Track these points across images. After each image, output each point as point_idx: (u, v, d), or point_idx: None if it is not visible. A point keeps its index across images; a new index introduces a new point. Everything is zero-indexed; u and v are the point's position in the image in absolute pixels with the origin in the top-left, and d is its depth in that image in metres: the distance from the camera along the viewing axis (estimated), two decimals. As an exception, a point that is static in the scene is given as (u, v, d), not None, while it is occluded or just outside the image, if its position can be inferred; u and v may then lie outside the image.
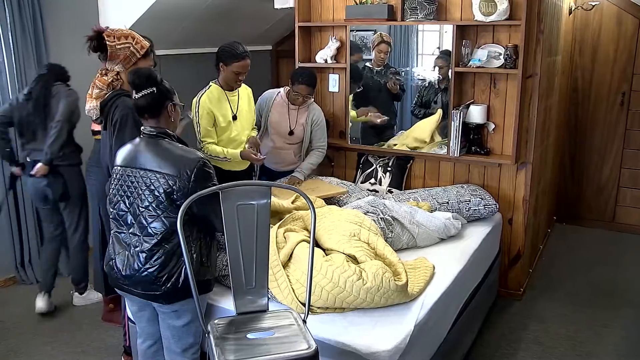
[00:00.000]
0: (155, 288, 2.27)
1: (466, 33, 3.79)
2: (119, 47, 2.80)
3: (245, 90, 3.74)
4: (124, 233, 2.34)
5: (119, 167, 2.38)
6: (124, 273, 2.32)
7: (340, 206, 3.70)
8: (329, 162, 4.45)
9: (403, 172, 4.16)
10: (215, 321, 2.20)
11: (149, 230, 2.27)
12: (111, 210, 2.39)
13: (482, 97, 3.87)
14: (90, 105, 2.91)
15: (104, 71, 2.87)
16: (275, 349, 2.01)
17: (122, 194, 2.34)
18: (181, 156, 2.30)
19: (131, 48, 2.83)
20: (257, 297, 2.26)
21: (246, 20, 5.35)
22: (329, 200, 3.74)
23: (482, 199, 3.72)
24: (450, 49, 3.73)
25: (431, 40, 3.93)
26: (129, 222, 2.32)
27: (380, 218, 3.20)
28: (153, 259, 2.26)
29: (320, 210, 3.16)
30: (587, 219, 5.55)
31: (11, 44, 3.99)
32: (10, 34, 3.97)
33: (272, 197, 2.35)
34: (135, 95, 2.35)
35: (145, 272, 2.26)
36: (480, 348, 3.47)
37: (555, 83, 4.54)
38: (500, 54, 3.69)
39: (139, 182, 2.29)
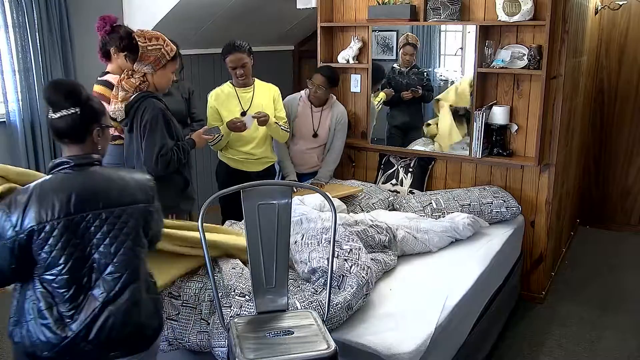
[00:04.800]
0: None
1: (489, 33, 3.75)
2: (150, 48, 2.77)
3: (268, 89, 3.76)
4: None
5: (51, 222, 1.78)
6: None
7: (362, 208, 3.71)
8: (350, 162, 4.45)
9: (424, 173, 4.14)
10: (236, 320, 2.21)
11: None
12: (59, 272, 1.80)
13: (505, 98, 3.83)
14: (116, 107, 2.87)
15: (130, 72, 2.86)
16: (294, 349, 2.01)
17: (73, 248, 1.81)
18: (134, 179, 1.98)
19: (162, 50, 2.82)
20: (277, 297, 2.26)
21: (268, 20, 5.37)
22: (348, 199, 3.75)
23: (504, 201, 3.69)
24: (473, 50, 3.70)
25: (454, 41, 3.90)
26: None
27: (386, 229, 3.12)
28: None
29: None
30: (612, 222, 5.46)
31: (38, 44, 4.07)
32: (37, 34, 4.04)
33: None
34: (52, 115, 1.86)
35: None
36: (502, 351, 3.44)
37: (580, 84, 4.48)
38: (524, 55, 3.65)
39: (95, 226, 1.84)
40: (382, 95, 4.20)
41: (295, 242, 2.82)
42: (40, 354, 1.83)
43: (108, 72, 3.43)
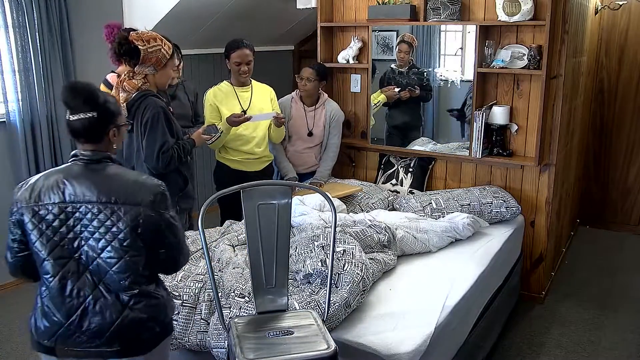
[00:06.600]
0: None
1: (489, 33, 3.75)
2: (150, 50, 2.79)
3: (265, 90, 3.77)
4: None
5: (45, 206, 1.84)
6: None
7: (361, 208, 3.71)
8: (350, 162, 4.45)
9: (424, 173, 4.14)
10: (236, 320, 2.21)
11: None
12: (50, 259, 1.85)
13: (505, 98, 3.83)
14: None
15: (131, 74, 2.87)
16: (294, 349, 2.01)
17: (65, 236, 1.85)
18: (137, 181, 1.93)
19: (162, 50, 2.84)
20: (277, 297, 2.27)
21: (268, 20, 5.37)
22: (347, 199, 3.75)
23: (504, 201, 3.69)
24: (474, 50, 3.70)
25: (454, 41, 3.90)
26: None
27: (384, 229, 3.12)
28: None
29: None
30: (612, 222, 5.46)
31: (38, 44, 4.06)
32: (37, 34, 4.04)
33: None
34: (69, 116, 1.88)
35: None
36: (501, 351, 3.44)
37: (580, 84, 4.48)
38: (524, 55, 3.65)
39: (87, 219, 1.85)
40: (381, 97, 4.19)
41: (291, 255, 2.82)
42: (42, 342, 1.90)
43: (112, 72, 3.44)
